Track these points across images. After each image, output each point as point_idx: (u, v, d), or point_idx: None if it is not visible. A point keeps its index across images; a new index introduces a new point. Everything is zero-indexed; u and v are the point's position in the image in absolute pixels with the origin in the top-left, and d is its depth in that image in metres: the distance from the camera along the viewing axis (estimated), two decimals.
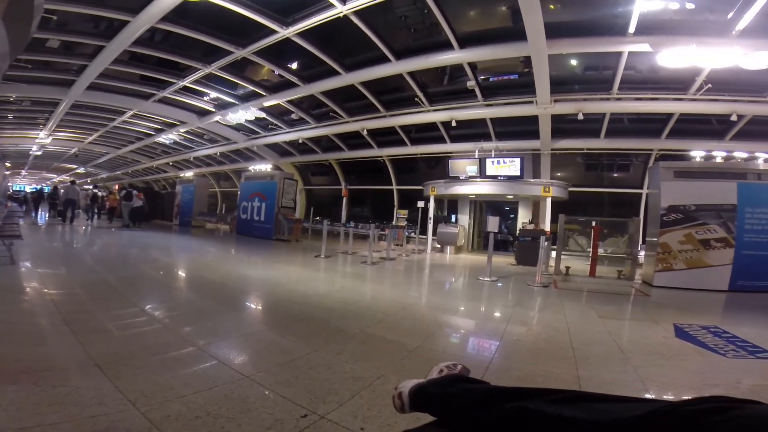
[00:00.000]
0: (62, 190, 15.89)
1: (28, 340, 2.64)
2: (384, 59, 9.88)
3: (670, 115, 10.77)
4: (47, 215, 16.55)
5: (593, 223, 9.06)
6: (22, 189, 39.79)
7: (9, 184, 34.13)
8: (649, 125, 11.61)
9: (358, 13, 8.10)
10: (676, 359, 3.13)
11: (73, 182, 15.78)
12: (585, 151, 12.84)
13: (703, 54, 7.50)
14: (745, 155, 10.98)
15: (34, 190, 32.35)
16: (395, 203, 17.08)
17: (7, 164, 30.31)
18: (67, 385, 2.01)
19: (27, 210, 18.37)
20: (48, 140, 20.29)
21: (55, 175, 42.15)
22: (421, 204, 13.47)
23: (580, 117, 10.53)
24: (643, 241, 8.83)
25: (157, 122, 18.10)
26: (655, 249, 7.46)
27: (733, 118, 9.80)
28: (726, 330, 4.06)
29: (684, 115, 10.56)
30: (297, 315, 3.93)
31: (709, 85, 9.00)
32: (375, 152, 16.03)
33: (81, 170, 35.76)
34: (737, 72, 7.97)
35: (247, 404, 1.96)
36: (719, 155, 11.12)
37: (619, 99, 10.10)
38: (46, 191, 24.04)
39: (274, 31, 9.07)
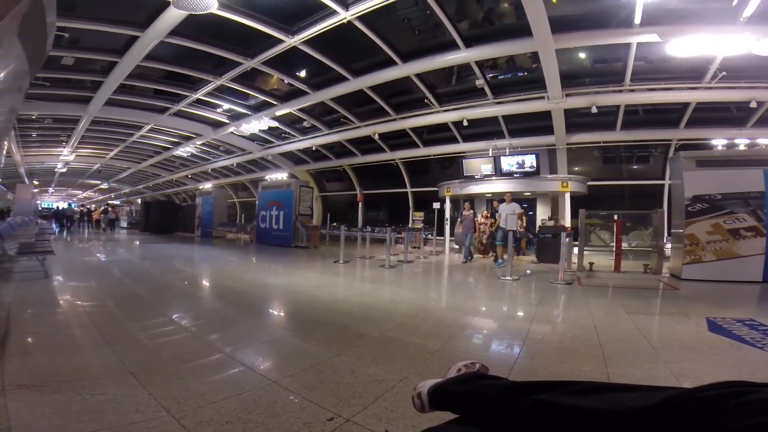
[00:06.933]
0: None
1: (66, 350, 2.76)
2: (391, 62, 9.89)
3: (686, 105, 10.46)
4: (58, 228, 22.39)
5: (615, 217, 8.86)
6: (50, 206, 41.47)
7: (38, 201, 35.80)
8: (666, 115, 11.30)
9: (362, 18, 8.13)
10: (709, 353, 3.04)
11: (69, 204, 18.90)
12: (602, 144, 12.54)
13: (713, 42, 7.23)
14: None
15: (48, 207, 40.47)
16: (410, 205, 17.07)
17: (35, 182, 31.66)
18: (105, 393, 2.09)
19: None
20: (71, 157, 21.08)
21: (80, 192, 43.64)
22: (437, 205, 13.41)
23: (594, 110, 10.32)
24: (669, 233, 8.58)
25: (174, 135, 18.57)
26: (682, 241, 7.22)
27: (753, 105, 9.50)
28: (762, 323, 3.90)
29: (701, 104, 10.24)
30: (319, 320, 3.97)
31: (724, 73, 8.70)
32: (388, 156, 16.05)
33: (104, 186, 36.70)
34: (752, 59, 7.67)
35: (275, 409, 2.00)
36: (742, 143, 10.77)
37: (632, 90, 9.86)
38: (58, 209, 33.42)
39: (280, 41, 9.18)
